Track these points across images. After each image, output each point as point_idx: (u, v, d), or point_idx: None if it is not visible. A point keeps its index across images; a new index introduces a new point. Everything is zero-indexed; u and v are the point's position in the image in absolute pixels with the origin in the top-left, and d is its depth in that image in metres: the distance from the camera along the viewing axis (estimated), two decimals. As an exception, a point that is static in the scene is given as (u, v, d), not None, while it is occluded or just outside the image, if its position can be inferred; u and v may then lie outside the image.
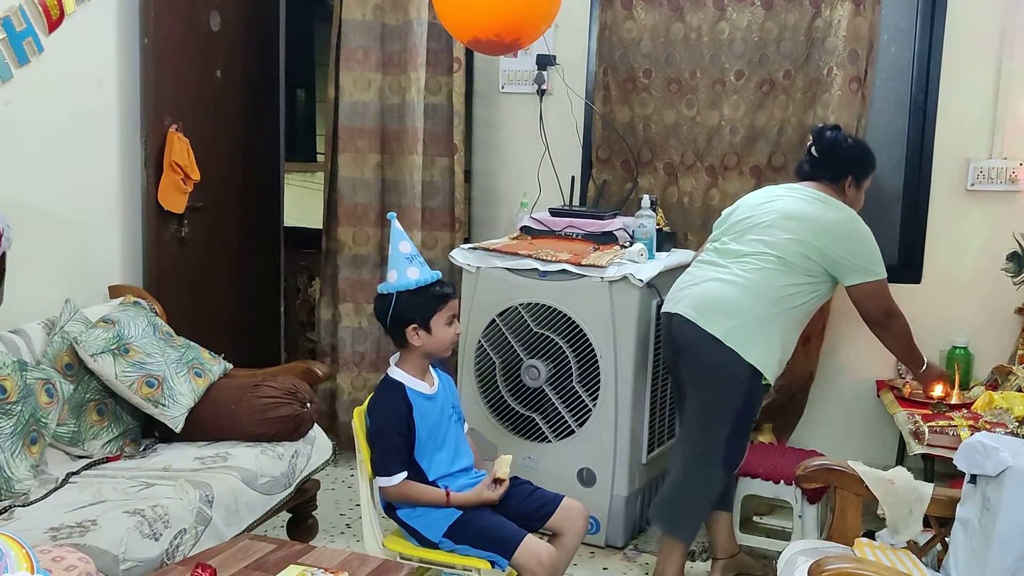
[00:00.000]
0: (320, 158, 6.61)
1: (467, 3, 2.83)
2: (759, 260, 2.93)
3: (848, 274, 2.94)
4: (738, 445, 3.06)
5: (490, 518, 2.51)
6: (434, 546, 2.54)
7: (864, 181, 3.08)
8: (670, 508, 3.08)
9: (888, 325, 3.04)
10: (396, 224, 2.63)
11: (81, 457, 2.95)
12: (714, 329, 2.91)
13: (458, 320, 2.66)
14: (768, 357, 2.93)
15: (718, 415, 2.98)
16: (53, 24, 3.19)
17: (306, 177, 7.32)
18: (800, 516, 3.27)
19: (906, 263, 3.83)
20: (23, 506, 2.58)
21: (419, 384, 2.58)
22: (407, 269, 2.56)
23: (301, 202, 6.22)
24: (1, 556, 1.47)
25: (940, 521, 2.43)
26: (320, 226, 4.33)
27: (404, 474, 2.53)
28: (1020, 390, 3.27)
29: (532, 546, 2.46)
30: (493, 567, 2.49)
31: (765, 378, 2.93)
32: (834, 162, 3.04)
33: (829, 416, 3.93)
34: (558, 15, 3.15)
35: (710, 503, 3.10)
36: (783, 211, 2.98)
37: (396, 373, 2.58)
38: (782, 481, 3.30)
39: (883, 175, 3.87)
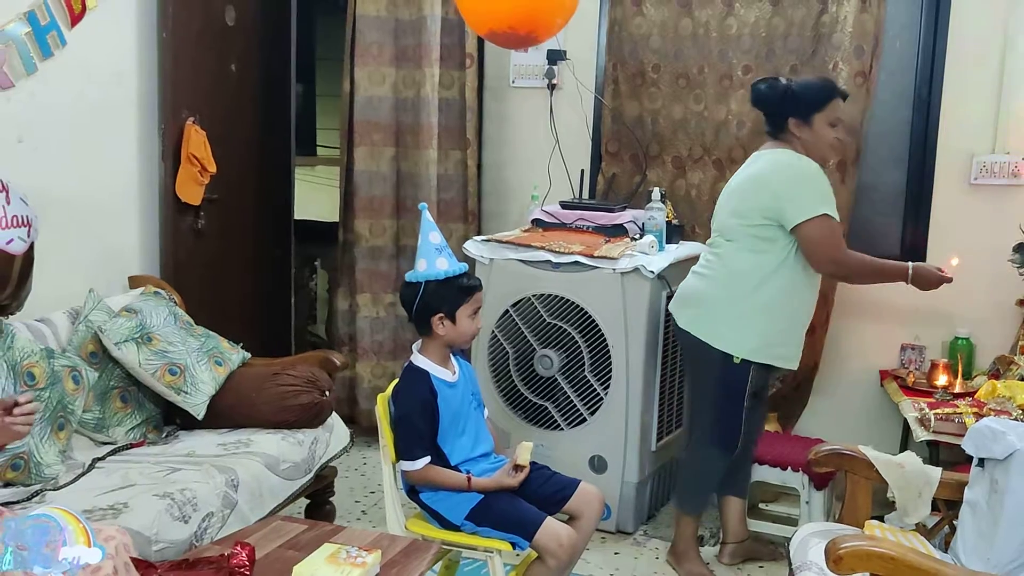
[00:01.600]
0: (320, 151, 6.67)
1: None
2: (715, 247, 3.11)
3: (787, 216, 2.90)
4: (732, 426, 3.10)
5: (511, 501, 2.58)
6: (456, 528, 2.60)
7: (814, 115, 2.95)
8: (676, 483, 3.37)
9: (840, 273, 3.11)
10: (427, 214, 2.67)
11: (105, 443, 3.01)
12: (682, 321, 3.12)
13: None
14: (741, 342, 3.00)
15: (701, 399, 3.21)
16: (75, 18, 3.24)
17: (306, 171, 7.37)
18: (807, 502, 3.35)
19: (909, 255, 3.88)
20: (53, 490, 2.64)
21: (442, 372, 2.64)
22: (436, 259, 2.61)
23: (302, 195, 6.26)
24: (61, 530, 1.53)
25: (948, 504, 2.51)
26: (322, 218, 4.39)
27: (427, 458, 2.59)
28: (1022, 379, 3.34)
29: (553, 527, 2.52)
30: (514, 548, 2.55)
31: (746, 359, 3.01)
32: (769, 111, 3.04)
33: (833, 405, 4.01)
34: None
35: (711, 481, 3.22)
36: (726, 191, 3.12)
37: (420, 361, 2.64)
38: (789, 468, 3.38)
39: (887, 168, 3.96)
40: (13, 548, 1.54)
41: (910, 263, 3.06)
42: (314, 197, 5.80)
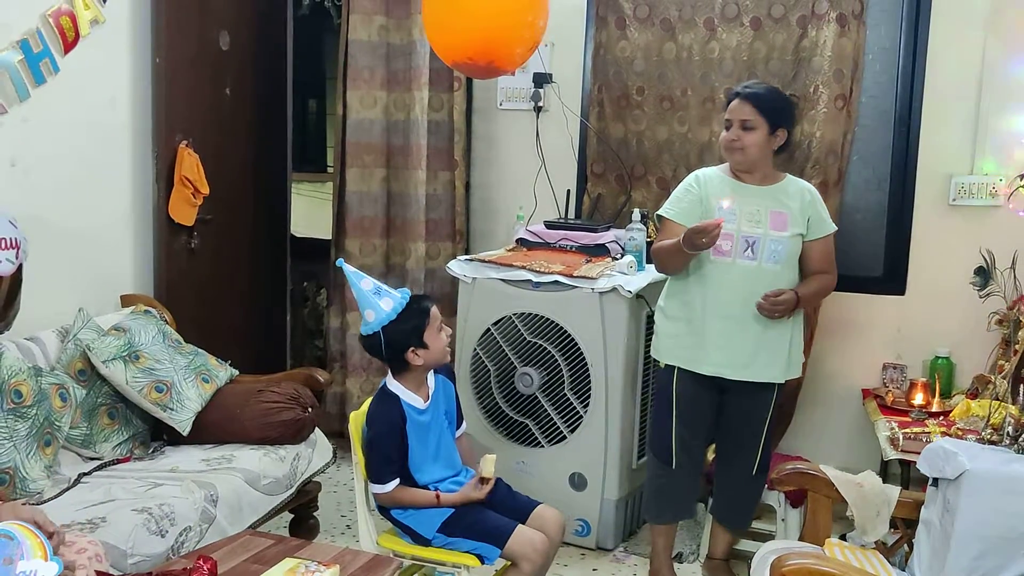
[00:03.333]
0: (331, 169, 6.77)
1: (439, 29, 2.95)
2: None
3: None
4: (662, 433, 3.17)
5: (481, 512, 2.65)
6: (427, 543, 2.67)
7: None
8: None
9: (656, 265, 3.22)
10: (347, 268, 2.69)
11: (92, 459, 3.10)
12: None
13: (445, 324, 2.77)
14: (659, 345, 3.20)
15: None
16: (69, 45, 3.35)
17: (316, 187, 7.46)
18: (783, 520, 3.39)
19: (891, 275, 3.95)
20: (37, 504, 2.72)
21: (413, 398, 2.71)
22: (379, 303, 2.65)
23: (311, 212, 6.34)
24: (18, 544, 1.61)
25: (907, 523, 2.55)
26: (330, 235, 4.48)
27: (396, 482, 2.66)
28: (998, 399, 3.37)
29: (525, 534, 2.59)
30: (482, 563, 2.61)
31: (667, 363, 3.15)
32: None
33: (817, 423, 4.04)
34: (553, 35, 3.26)
35: (655, 489, 3.27)
36: None
37: (393, 385, 2.72)
38: (767, 486, 3.42)
39: (868, 189, 4.01)
40: (-27, 562, 1.61)
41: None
42: (323, 214, 5.87)
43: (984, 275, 3.31)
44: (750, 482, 3.22)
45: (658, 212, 3.18)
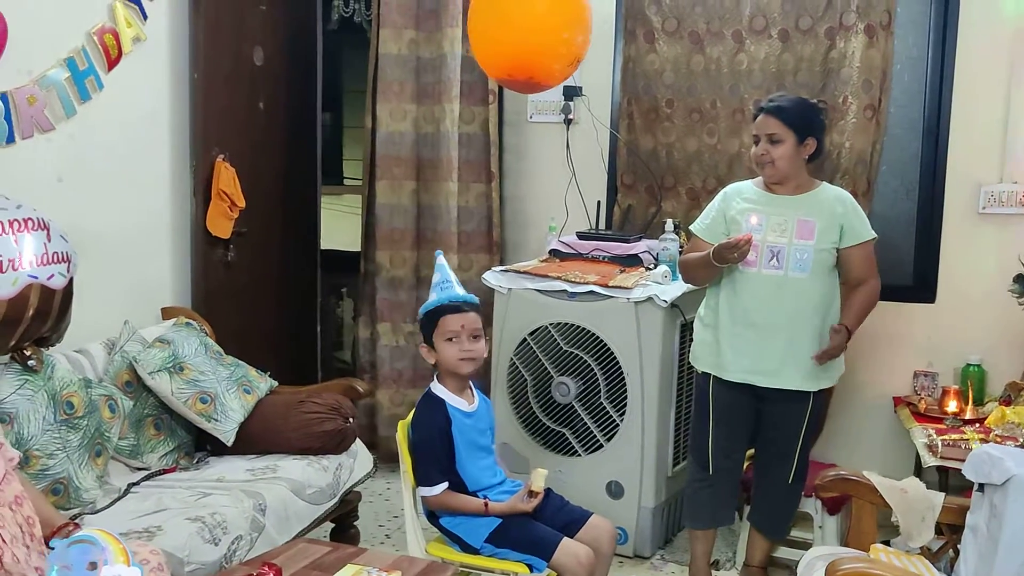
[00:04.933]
0: (347, 182, 6.84)
1: (479, 46, 3.01)
2: None
3: None
4: (700, 439, 3.22)
5: (528, 524, 2.68)
6: (475, 552, 2.70)
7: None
8: None
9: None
10: (439, 259, 2.91)
11: (140, 469, 3.14)
12: None
13: (475, 339, 2.75)
14: (695, 351, 3.26)
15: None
16: (112, 63, 3.41)
17: (332, 200, 7.53)
18: (820, 527, 3.41)
19: (921, 283, 3.98)
20: (91, 514, 2.77)
21: (458, 400, 2.76)
22: (430, 296, 2.82)
23: (328, 224, 6.40)
24: (102, 550, 1.65)
25: (952, 528, 2.57)
26: (348, 248, 4.53)
27: (445, 484, 2.70)
28: (1032, 405, 3.40)
29: (571, 547, 2.62)
30: (532, 572, 2.65)
31: (704, 370, 3.20)
32: None
33: (849, 431, 4.07)
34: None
35: (693, 493, 3.31)
36: None
37: (437, 389, 2.76)
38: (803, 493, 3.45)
39: (898, 198, 4.05)
40: (58, 568, 1.66)
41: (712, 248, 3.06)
42: (340, 226, 5.94)
43: (1023, 282, 3.34)
44: (787, 490, 3.25)
45: (690, 227, 3.29)
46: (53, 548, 1.67)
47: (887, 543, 2.71)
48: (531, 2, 2.75)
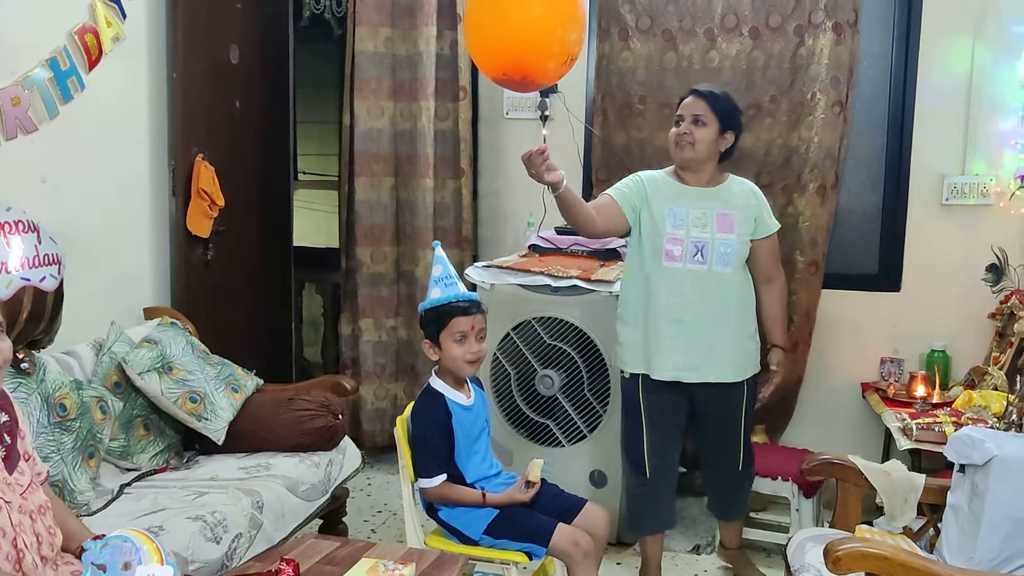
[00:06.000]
0: (301, 177, 6.81)
1: (475, 45, 3.05)
2: None
3: None
4: (634, 444, 3.22)
5: (525, 514, 2.74)
6: (474, 543, 2.75)
7: None
8: None
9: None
10: (438, 251, 2.90)
11: (130, 470, 3.14)
12: None
13: (480, 340, 2.78)
14: (621, 354, 3.24)
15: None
16: (93, 63, 3.38)
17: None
18: (797, 510, 3.53)
19: (886, 273, 4.12)
20: (87, 515, 2.77)
21: (457, 395, 2.80)
22: (432, 290, 2.82)
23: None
24: (136, 550, 1.67)
25: (932, 508, 2.69)
26: (308, 242, 4.53)
27: (444, 476, 2.75)
28: (996, 389, 3.55)
29: (567, 532, 2.69)
30: (530, 559, 2.71)
31: (632, 372, 3.20)
32: None
33: (818, 416, 4.20)
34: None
35: (631, 498, 3.32)
36: None
37: (436, 383, 2.81)
38: (779, 478, 3.56)
39: (864, 191, 4.18)
40: (92, 568, 1.68)
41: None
42: (298, 222, 5.92)
43: (996, 271, 3.47)
44: (738, 476, 3.32)
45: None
46: (87, 550, 1.68)
47: (868, 523, 2.83)
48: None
